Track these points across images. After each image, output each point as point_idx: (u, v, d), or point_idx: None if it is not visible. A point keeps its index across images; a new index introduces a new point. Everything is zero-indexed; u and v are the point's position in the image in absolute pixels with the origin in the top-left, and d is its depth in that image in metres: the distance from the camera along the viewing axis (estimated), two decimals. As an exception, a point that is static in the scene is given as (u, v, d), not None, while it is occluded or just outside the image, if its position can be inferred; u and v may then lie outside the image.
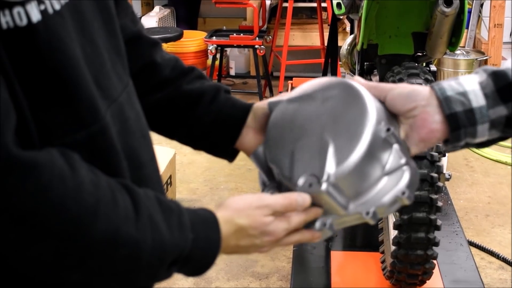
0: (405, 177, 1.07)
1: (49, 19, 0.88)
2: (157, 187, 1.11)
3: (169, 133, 1.32)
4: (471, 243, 3.43)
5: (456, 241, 3.05)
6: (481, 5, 5.81)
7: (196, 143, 1.33)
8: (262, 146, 1.22)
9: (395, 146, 1.08)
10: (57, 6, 0.90)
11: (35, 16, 0.87)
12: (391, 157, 1.07)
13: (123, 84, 1.05)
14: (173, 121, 1.28)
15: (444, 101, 1.08)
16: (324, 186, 1.03)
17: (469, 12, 5.62)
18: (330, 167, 1.04)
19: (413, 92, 1.10)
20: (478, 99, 1.08)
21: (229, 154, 1.32)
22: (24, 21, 0.86)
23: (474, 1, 5.70)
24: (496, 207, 3.87)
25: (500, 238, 3.58)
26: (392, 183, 1.07)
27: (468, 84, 1.10)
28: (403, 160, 1.08)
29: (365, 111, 1.07)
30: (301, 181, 1.05)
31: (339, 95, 1.13)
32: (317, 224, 1.08)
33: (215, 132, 1.29)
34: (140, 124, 1.09)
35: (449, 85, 1.10)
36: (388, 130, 1.06)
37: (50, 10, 0.89)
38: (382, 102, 1.12)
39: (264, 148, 1.18)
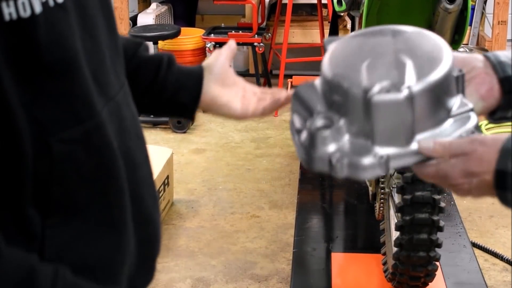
0: (473, 120, 1.05)
1: (50, 11, 0.89)
2: (151, 190, 1.11)
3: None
4: (475, 245, 3.43)
5: (459, 242, 3.06)
6: (485, 2, 5.82)
7: (162, 108, 1.32)
8: (305, 83, 1.15)
9: (461, 94, 1.07)
10: None
11: (38, 7, 0.87)
12: (457, 101, 1.05)
13: (120, 83, 1.06)
14: (138, 90, 1.27)
15: (498, 65, 1.12)
16: (403, 94, 0.98)
17: (473, 9, 5.63)
18: (410, 79, 1.00)
19: (469, 56, 1.13)
20: None
21: (193, 112, 1.32)
22: (28, 12, 0.86)
23: (478, -3, 5.71)
24: (500, 208, 3.84)
25: (504, 240, 3.58)
26: (457, 125, 1.04)
27: None
28: (469, 106, 1.05)
29: (442, 44, 1.07)
30: (377, 88, 0.99)
31: (410, 32, 1.10)
32: (371, 158, 1.00)
33: (182, 92, 1.29)
34: (136, 125, 1.09)
35: (502, 53, 1.14)
36: (460, 71, 1.05)
37: (51, 3, 0.89)
38: None
39: (326, 69, 1.10)
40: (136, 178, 1.05)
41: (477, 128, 1.05)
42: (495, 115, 1.14)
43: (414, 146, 1.01)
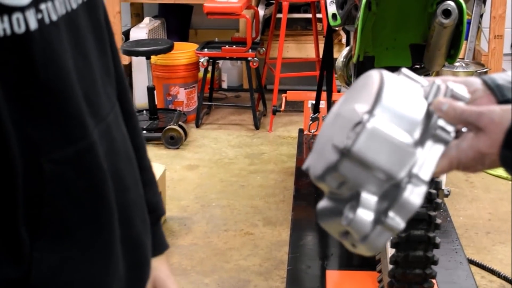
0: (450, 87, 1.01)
1: (46, 28, 0.89)
2: (141, 214, 1.10)
3: None
4: (471, 261, 3.43)
5: (456, 259, 3.05)
6: (481, 16, 5.85)
7: None
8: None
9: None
10: (54, 17, 0.90)
11: (33, 24, 0.87)
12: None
13: (111, 104, 1.06)
14: None
15: (496, 88, 1.09)
16: (369, 123, 0.94)
17: (468, 23, 5.65)
18: (366, 109, 0.95)
19: (468, 80, 1.10)
20: None
21: None
22: (23, 28, 0.86)
23: (474, 12, 5.74)
24: (497, 224, 3.88)
25: (501, 256, 3.58)
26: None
27: None
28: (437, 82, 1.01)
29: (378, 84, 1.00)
30: (347, 141, 0.94)
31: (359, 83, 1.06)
32: (404, 184, 0.96)
33: None
34: (126, 147, 1.08)
35: (498, 75, 1.12)
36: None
37: (47, 20, 0.89)
38: None
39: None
40: (125, 200, 1.04)
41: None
42: None
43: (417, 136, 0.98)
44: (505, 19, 5.47)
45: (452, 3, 2.50)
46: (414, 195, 0.96)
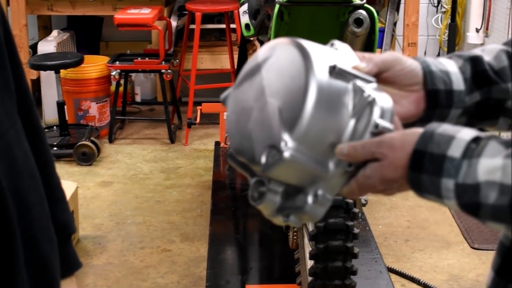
0: (376, 109, 1.00)
1: None
2: (47, 233, 1.08)
3: None
4: (391, 270, 3.49)
5: (375, 268, 3.10)
6: (395, 24, 5.97)
7: None
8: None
9: (352, 83, 1.01)
10: None
11: None
12: (350, 95, 1.00)
13: (11, 121, 1.03)
14: None
15: (428, 75, 1.10)
16: (286, 153, 0.96)
17: (382, 31, 5.77)
18: (284, 132, 0.97)
19: (415, 69, 1.10)
20: (459, 83, 1.11)
21: None
22: None
23: (387, 20, 5.86)
24: (415, 231, 3.96)
25: (421, 263, 3.66)
26: (363, 122, 1.00)
27: (449, 66, 1.13)
28: (366, 93, 1.00)
29: (303, 60, 1.00)
30: (263, 159, 0.98)
31: (279, 56, 1.05)
32: (309, 199, 1.00)
33: None
34: (29, 164, 1.06)
35: (431, 61, 1.12)
36: (333, 68, 0.99)
37: None
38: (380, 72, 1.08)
39: (229, 143, 1.09)
40: (29, 220, 1.02)
41: (383, 115, 1.01)
42: (411, 127, 1.14)
43: (331, 166, 1.01)
44: (418, 27, 5.60)
45: (363, 12, 2.55)
46: (318, 210, 1.01)
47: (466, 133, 0.97)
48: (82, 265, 1.28)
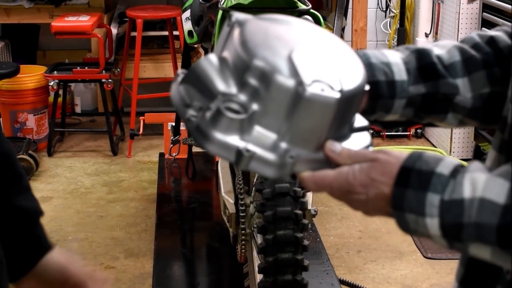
0: (368, 137, 1.09)
1: None
2: None
3: None
4: (343, 282, 3.51)
5: (327, 280, 3.12)
6: (343, 29, 6.03)
7: None
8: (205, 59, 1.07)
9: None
10: None
11: None
12: (356, 117, 1.09)
13: None
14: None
15: (367, 67, 1.12)
16: (337, 94, 0.99)
17: (330, 37, 5.82)
18: (341, 80, 1.00)
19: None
20: (401, 73, 1.15)
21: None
22: None
23: (335, 25, 5.91)
24: (368, 242, 3.99)
25: (373, 275, 3.69)
26: (356, 142, 1.08)
27: (392, 57, 1.16)
28: (366, 123, 1.09)
29: (351, 49, 1.09)
30: (314, 83, 0.98)
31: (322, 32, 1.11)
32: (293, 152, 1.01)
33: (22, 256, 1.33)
34: None
35: (373, 53, 1.16)
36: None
37: None
38: None
39: (243, 45, 1.03)
40: None
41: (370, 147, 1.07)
42: None
43: (321, 155, 1.03)
44: (367, 32, 5.66)
45: (309, 18, 2.57)
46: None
47: (454, 159, 1.02)
48: (54, 246, 1.38)
